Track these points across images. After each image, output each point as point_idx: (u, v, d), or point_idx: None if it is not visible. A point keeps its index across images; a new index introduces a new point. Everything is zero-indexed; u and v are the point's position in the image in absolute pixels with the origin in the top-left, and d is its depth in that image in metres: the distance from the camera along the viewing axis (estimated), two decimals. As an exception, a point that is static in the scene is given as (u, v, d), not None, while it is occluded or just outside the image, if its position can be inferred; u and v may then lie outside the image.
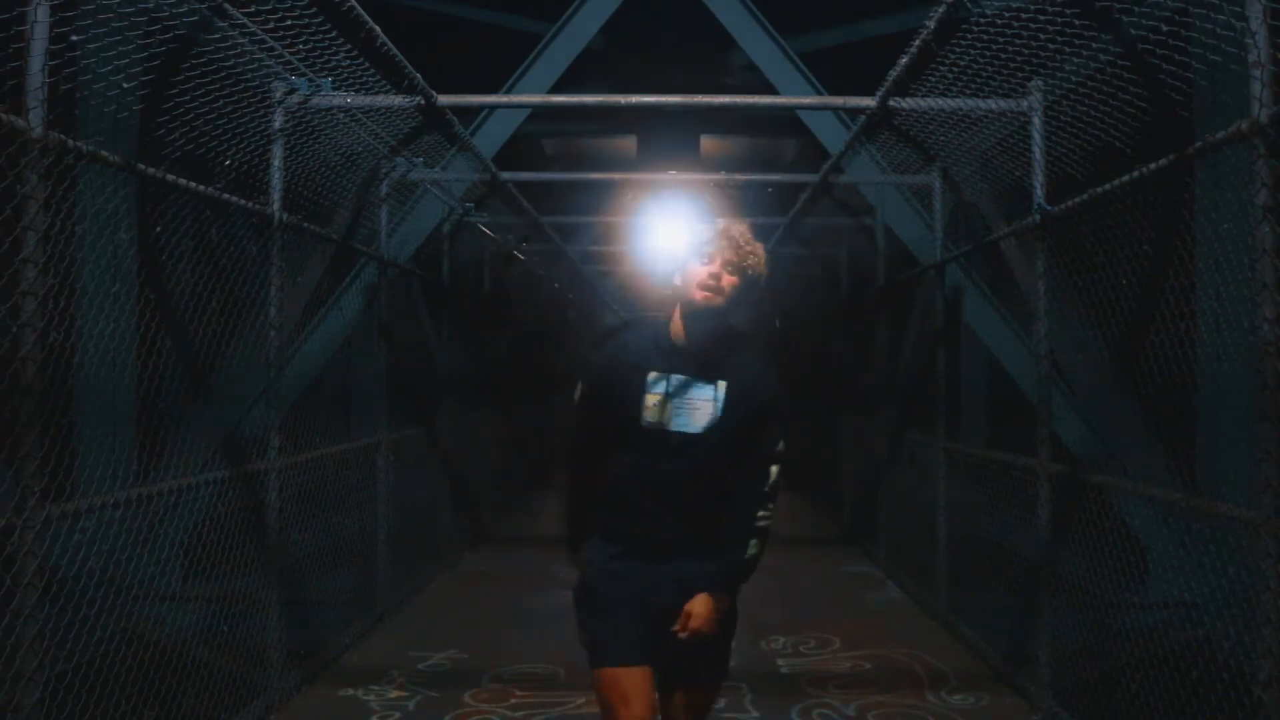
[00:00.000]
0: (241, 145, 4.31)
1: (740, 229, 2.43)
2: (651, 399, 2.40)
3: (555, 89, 6.59)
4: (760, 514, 2.45)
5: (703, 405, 2.41)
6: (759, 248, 2.43)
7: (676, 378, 2.42)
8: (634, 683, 2.37)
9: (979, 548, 5.56)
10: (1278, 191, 2.69)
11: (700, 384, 2.42)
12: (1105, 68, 3.82)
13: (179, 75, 3.72)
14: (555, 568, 6.54)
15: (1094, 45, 3.87)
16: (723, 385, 2.42)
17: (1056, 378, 4.93)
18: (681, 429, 2.40)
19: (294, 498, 4.75)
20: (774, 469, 2.46)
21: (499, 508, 9.50)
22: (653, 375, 2.42)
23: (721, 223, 2.46)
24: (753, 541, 2.47)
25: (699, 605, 2.44)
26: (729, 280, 2.39)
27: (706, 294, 2.38)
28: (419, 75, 4.70)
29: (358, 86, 4.67)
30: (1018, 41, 3.89)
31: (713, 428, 2.40)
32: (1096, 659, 4.12)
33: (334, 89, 4.60)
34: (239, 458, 4.42)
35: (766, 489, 2.45)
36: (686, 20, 7.98)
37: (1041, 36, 3.80)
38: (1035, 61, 4.06)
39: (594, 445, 2.52)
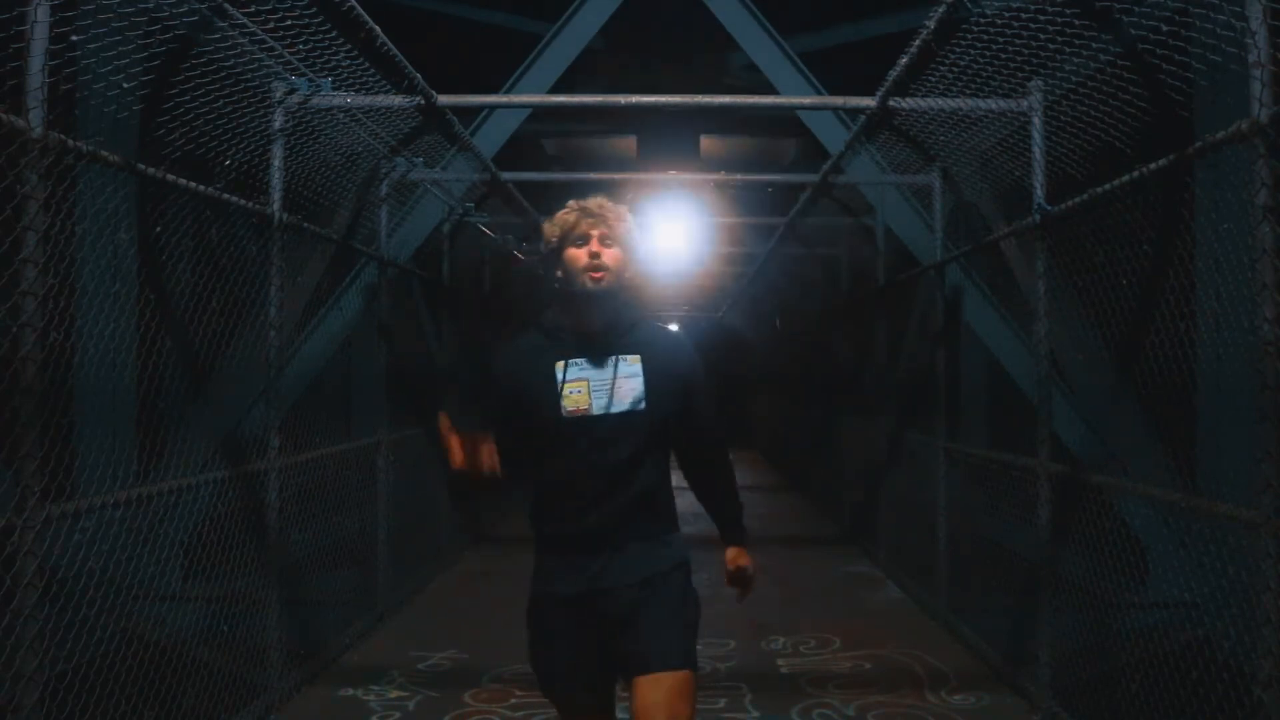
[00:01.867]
0: (241, 145, 4.31)
1: (598, 201, 2.36)
2: (568, 388, 2.28)
3: (555, 89, 6.58)
4: (732, 473, 2.55)
5: (623, 382, 2.29)
6: (623, 211, 2.38)
7: (589, 360, 2.31)
8: (582, 706, 2.32)
9: (979, 548, 5.56)
10: (1278, 191, 2.69)
11: (615, 361, 2.32)
12: (1105, 68, 3.82)
13: (179, 75, 3.72)
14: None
15: (1094, 45, 3.87)
16: (637, 359, 2.32)
17: (1056, 378, 4.93)
18: (606, 410, 2.27)
19: (294, 498, 4.75)
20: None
21: (499, 507, 9.50)
22: (561, 365, 2.31)
23: (577, 203, 2.38)
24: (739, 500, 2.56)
25: (740, 558, 2.54)
26: (611, 255, 2.32)
27: (596, 275, 2.30)
28: (419, 75, 4.70)
29: (358, 86, 4.67)
30: (1018, 41, 3.89)
31: (639, 400, 2.29)
32: (1096, 659, 4.12)
33: (334, 89, 4.60)
34: (239, 458, 4.42)
35: (728, 467, 2.54)
36: (686, 20, 7.99)
37: (1041, 36, 3.80)
38: (1035, 61, 4.06)
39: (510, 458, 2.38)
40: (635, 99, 4.97)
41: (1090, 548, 4.10)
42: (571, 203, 2.38)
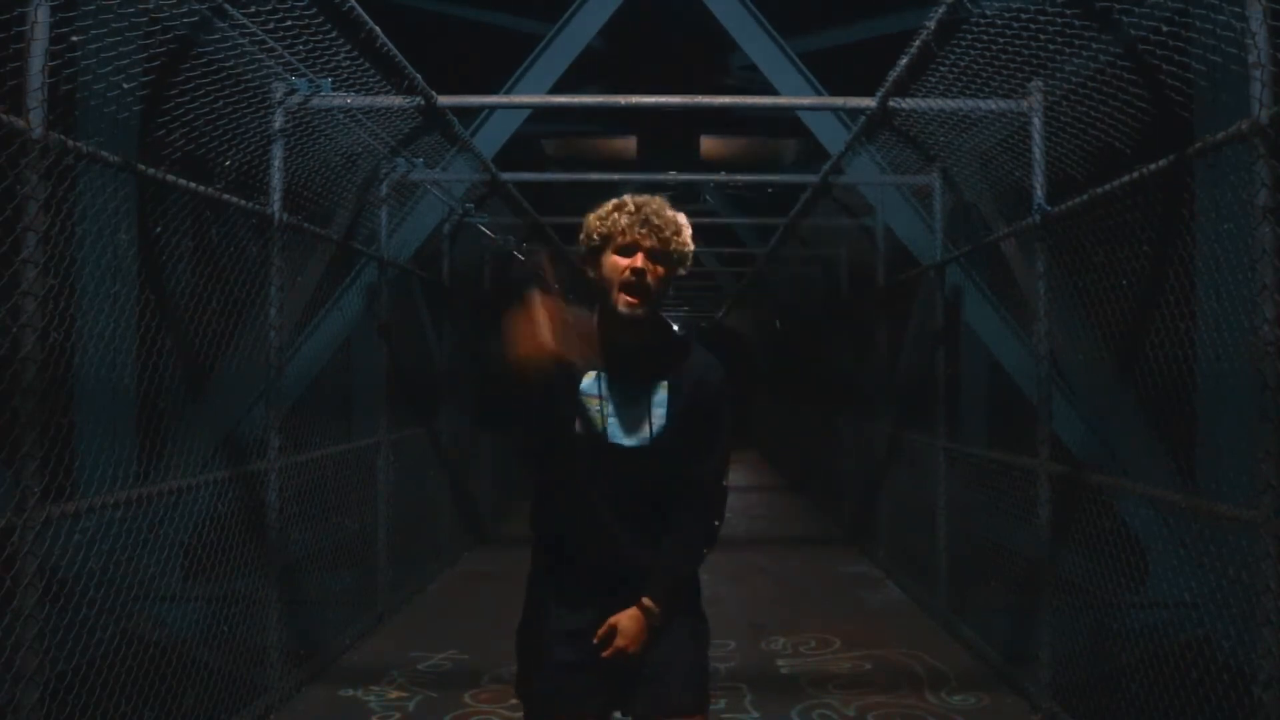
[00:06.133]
0: (241, 146, 4.31)
1: (656, 206, 2.07)
2: (590, 404, 2.08)
3: (555, 89, 6.59)
4: (709, 533, 2.19)
5: (644, 413, 2.09)
6: (681, 223, 2.08)
7: (615, 379, 2.10)
8: None
9: (979, 548, 5.56)
10: (1278, 192, 2.69)
11: (641, 386, 2.10)
12: (1105, 68, 3.82)
13: (179, 75, 3.72)
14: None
15: (1094, 45, 3.87)
16: (665, 386, 2.11)
17: (1056, 378, 4.93)
18: (620, 441, 2.08)
19: (294, 498, 4.75)
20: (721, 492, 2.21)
21: (499, 508, 9.50)
22: (587, 379, 2.09)
23: (633, 201, 2.08)
24: (702, 552, 2.20)
25: (627, 621, 2.09)
26: (656, 274, 2.05)
27: (632, 301, 2.04)
28: (419, 76, 4.70)
29: (358, 87, 4.67)
30: (1018, 42, 3.89)
31: (660, 437, 2.09)
32: (1097, 659, 4.12)
33: (334, 89, 4.61)
34: (239, 458, 4.42)
35: (715, 515, 2.20)
36: (686, 20, 7.99)
37: (1041, 37, 3.81)
38: (1035, 62, 4.06)
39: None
40: (635, 99, 4.98)
41: (1090, 548, 4.10)
42: (627, 200, 2.09)
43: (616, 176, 8.20)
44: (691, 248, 2.11)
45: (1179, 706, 3.34)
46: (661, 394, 2.11)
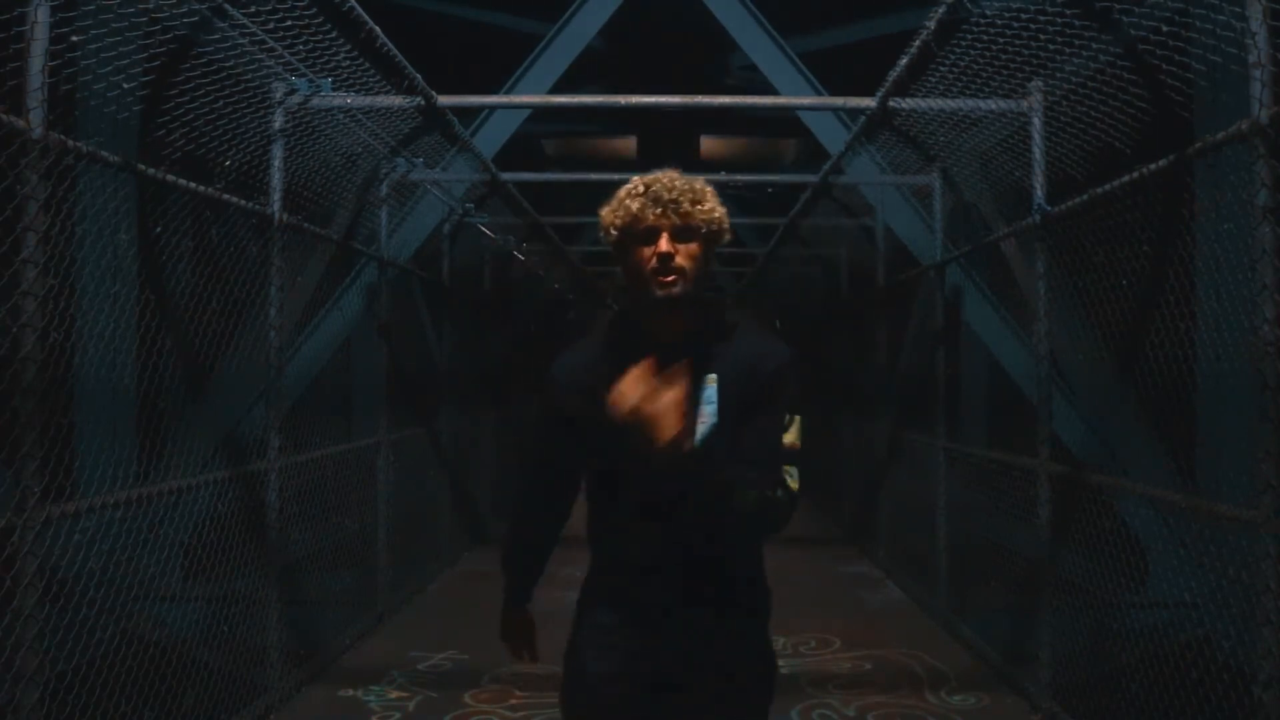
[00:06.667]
0: (241, 146, 4.31)
1: (669, 181, 1.85)
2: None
3: (555, 89, 6.59)
4: (773, 494, 1.83)
5: (692, 415, 1.80)
6: (699, 189, 1.86)
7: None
8: None
9: (979, 548, 5.56)
10: (1278, 192, 2.69)
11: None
12: (1105, 68, 3.83)
13: (179, 76, 3.72)
14: (554, 567, 6.53)
15: (1094, 45, 3.87)
16: (714, 379, 1.86)
17: (1056, 378, 4.93)
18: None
19: (294, 498, 4.75)
20: (790, 470, 1.88)
21: (499, 508, 9.49)
22: None
23: (643, 182, 1.86)
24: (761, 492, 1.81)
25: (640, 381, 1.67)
26: (687, 252, 1.84)
27: (667, 279, 1.82)
28: (419, 76, 4.70)
29: (358, 87, 4.67)
30: (1018, 42, 3.89)
31: (708, 439, 1.83)
32: (1097, 659, 4.12)
33: (334, 89, 4.60)
34: (239, 458, 4.43)
35: (780, 494, 1.85)
36: (686, 20, 7.99)
37: (1041, 37, 3.81)
38: (1035, 62, 4.07)
39: (554, 482, 2.09)
40: (635, 99, 4.98)
41: (1090, 548, 4.10)
42: (635, 182, 1.88)
43: (616, 176, 8.19)
44: (720, 212, 1.87)
45: (1179, 706, 3.34)
46: (711, 390, 1.86)
